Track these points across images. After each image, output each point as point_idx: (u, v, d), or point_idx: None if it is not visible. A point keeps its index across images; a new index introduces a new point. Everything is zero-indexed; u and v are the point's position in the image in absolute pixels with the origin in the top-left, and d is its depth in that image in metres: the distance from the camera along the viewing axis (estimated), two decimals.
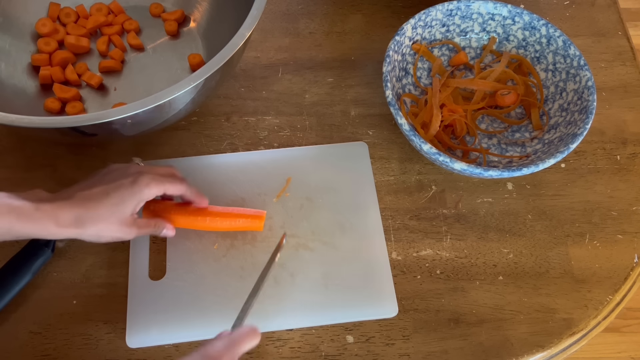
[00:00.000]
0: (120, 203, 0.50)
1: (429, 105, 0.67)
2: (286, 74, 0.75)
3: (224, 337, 0.48)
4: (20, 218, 0.46)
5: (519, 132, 0.69)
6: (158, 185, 0.52)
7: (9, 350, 0.56)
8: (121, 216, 0.50)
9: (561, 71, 0.68)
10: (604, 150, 0.70)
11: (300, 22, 0.79)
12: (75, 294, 0.59)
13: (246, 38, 0.58)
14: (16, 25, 0.72)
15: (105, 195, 0.50)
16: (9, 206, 0.46)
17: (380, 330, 0.58)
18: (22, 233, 0.47)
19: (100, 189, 0.50)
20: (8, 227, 0.46)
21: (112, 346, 0.56)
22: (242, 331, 0.48)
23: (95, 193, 0.50)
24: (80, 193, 0.50)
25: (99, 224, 0.49)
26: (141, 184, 0.51)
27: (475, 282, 0.61)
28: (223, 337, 0.48)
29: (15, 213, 0.46)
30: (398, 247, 0.63)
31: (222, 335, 0.48)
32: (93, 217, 0.49)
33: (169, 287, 0.59)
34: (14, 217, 0.46)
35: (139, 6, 0.77)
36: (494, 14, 0.71)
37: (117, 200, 0.50)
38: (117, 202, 0.50)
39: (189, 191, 0.56)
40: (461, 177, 0.67)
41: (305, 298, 0.58)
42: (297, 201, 0.64)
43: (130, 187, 0.51)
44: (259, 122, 0.71)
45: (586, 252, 0.63)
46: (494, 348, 0.58)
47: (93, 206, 0.49)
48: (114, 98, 0.70)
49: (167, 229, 0.56)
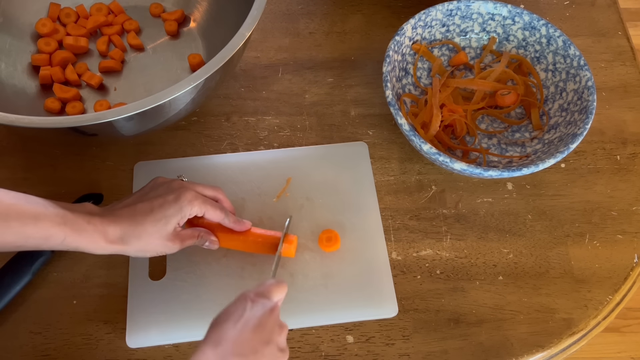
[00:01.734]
0: (163, 219, 0.51)
1: (429, 105, 0.67)
2: (286, 74, 0.75)
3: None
4: (74, 230, 0.47)
5: (519, 132, 0.69)
6: (201, 205, 0.53)
7: (9, 350, 0.56)
8: (165, 232, 0.51)
9: (561, 71, 0.68)
10: (604, 150, 0.70)
11: (300, 22, 0.79)
12: (75, 294, 0.59)
13: (246, 38, 0.58)
14: (16, 25, 0.72)
15: (149, 212, 0.50)
16: (64, 217, 0.46)
17: (380, 330, 0.58)
18: (74, 245, 0.47)
19: (144, 205, 0.51)
20: (62, 238, 0.46)
21: (112, 346, 0.56)
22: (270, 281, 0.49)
23: (140, 210, 0.51)
24: (126, 210, 0.51)
25: (143, 240, 0.50)
26: (184, 200, 0.52)
27: (475, 282, 0.61)
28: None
29: (70, 225, 0.47)
30: (398, 247, 0.63)
31: None
32: (138, 233, 0.50)
33: (169, 287, 0.59)
34: (69, 229, 0.46)
35: (139, 6, 0.77)
36: (494, 14, 0.71)
37: (160, 217, 0.51)
38: (160, 219, 0.51)
39: (227, 219, 0.56)
40: (461, 177, 0.67)
41: (305, 298, 0.58)
42: (297, 201, 0.64)
43: (174, 203, 0.51)
44: (259, 122, 0.71)
45: (586, 252, 0.63)
46: (494, 348, 0.58)
47: (138, 223, 0.50)
48: (114, 98, 0.70)
49: (211, 242, 0.56)
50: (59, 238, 0.46)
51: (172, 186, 0.53)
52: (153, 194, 0.52)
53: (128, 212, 0.50)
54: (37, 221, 0.45)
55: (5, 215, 0.44)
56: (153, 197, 0.52)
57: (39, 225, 0.45)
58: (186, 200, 0.52)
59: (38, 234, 0.45)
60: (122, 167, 0.66)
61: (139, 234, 0.50)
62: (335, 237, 0.61)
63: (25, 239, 0.45)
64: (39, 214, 0.45)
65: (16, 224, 0.44)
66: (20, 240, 0.45)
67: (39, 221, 0.45)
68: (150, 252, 0.52)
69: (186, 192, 0.52)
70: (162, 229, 0.51)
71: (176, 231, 0.52)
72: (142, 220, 0.50)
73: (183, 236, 0.53)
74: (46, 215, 0.46)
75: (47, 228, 0.45)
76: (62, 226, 0.46)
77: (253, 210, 0.63)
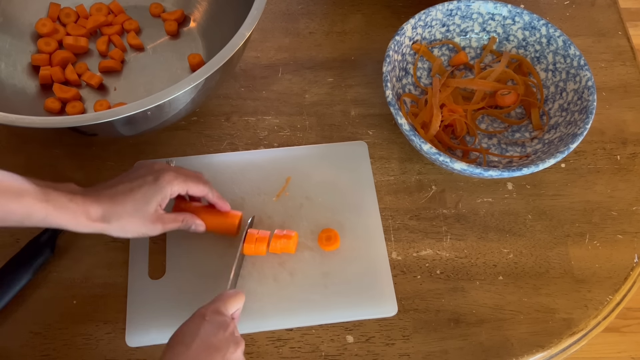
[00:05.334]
0: (143, 199, 0.51)
1: (429, 105, 0.67)
2: (286, 74, 0.75)
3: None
4: (56, 208, 0.47)
5: (519, 132, 0.69)
6: (180, 183, 0.53)
7: (9, 350, 0.56)
8: (145, 212, 0.51)
9: (561, 71, 0.68)
10: (604, 150, 0.70)
11: (300, 22, 0.79)
12: (75, 294, 0.59)
13: (246, 38, 0.58)
14: (16, 25, 0.72)
15: (129, 192, 0.51)
16: (47, 195, 0.47)
17: (380, 330, 0.58)
18: (56, 223, 0.48)
19: (125, 186, 0.52)
20: (44, 215, 0.47)
21: (112, 346, 0.56)
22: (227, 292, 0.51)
23: (121, 190, 0.51)
24: (107, 191, 0.51)
25: (123, 219, 0.51)
26: (163, 180, 0.52)
27: (475, 282, 0.61)
28: None
29: (52, 202, 0.47)
30: (398, 247, 0.63)
31: None
32: (118, 213, 0.50)
33: (169, 286, 0.59)
34: (51, 206, 0.47)
35: (139, 6, 0.77)
36: (494, 14, 0.71)
37: (140, 197, 0.51)
38: (140, 199, 0.51)
39: (211, 193, 0.57)
40: (461, 177, 0.67)
41: (305, 297, 0.58)
42: (296, 200, 0.64)
43: (153, 183, 0.52)
44: (259, 122, 0.71)
45: (586, 252, 0.63)
46: (494, 348, 0.58)
47: (118, 202, 0.50)
48: (114, 98, 0.70)
49: (197, 225, 0.57)
50: (41, 215, 0.47)
51: (153, 168, 0.54)
52: (134, 175, 0.53)
53: (109, 193, 0.51)
54: (19, 198, 0.46)
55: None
56: (133, 178, 0.53)
57: (21, 202, 0.46)
58: (165, 180, 0.52)
59: (20, 210, 0.46)
60: (122, 167, 0.66)
61: (120, 213, 0.50)
62: (335, 236, 0.61)
63: (7, 214, 0.46)
64: (21, 191, 0.46)
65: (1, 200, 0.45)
66: (1, 215, 0.46)
67: (21, 198, 0.46)
68: (131, 232, 0.52)
69: (165, 173, 0.53)
70: (142, 209, 0.51)
71: (158, 213, 0.53)
72: (122, 199, 0.51)
73: (165, 219, 0.53)
74: (29, 193, 0.46)
75: (29, 205, 0.46)
76: (44, 203, 0.46)
77: (253, 210, 0.63)
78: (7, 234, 0.62)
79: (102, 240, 0.62)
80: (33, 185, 0.47)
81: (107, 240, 0.62)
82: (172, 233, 0.61)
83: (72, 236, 0.62)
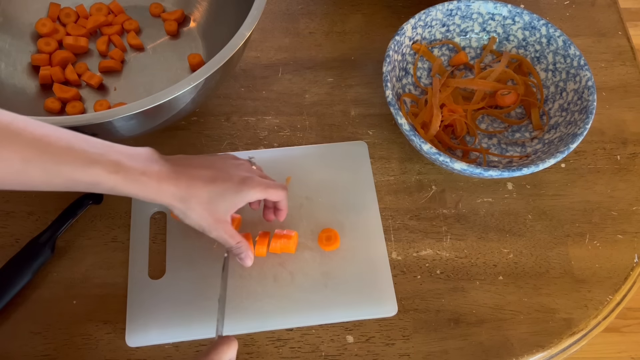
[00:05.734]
0: (220, 195, 0.50)
1: (429, 105, 0.67)
2: (286, 74, 0.75)
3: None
4: (126, 180, 0.45)
5: (519, 132, 0.69)
6: (262, 191, 0.52)
7: (9, 350, 0.56)
8: (215, 209, 0.50)
9: (561, 71, 0.68)
10: (604, 150, 0.70)
11: (300, 22, 0.79)
12: (75, 294, 0.59)
13: (246, 38, 0.58)
14: (16, 25, 0.72)
15: (210, 182, 0.49)
16: (118, 166, 0.45)
17: (380, 330, 0.58)
18: (123, 192, 0.46)
19: (209, 172, 0.50)
20: (112, 186, 0.45)
21: (112, 346, 0.56)
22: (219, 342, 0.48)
23: (202, 176, 0.49)
24: (188, 170, 0.49)
25: (191, 205, 0.49)
26: (248, 186, 0.51)
27: (475, 282, 0.61)
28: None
29: (122, 174, 0.45)
30: (398, 247, 0.63)
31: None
32: (190, 197, 0.48)
33: (169, 286, 0.59)
34: (121, 178, 0.45)
35: (139, 6, 0.77)
36: (494, 14, 0.71)
37: (219, 191, 0.49)
38: (218, 193, 0.49)
39: (285, 201, 0.56)
40: (461, 177, 0.67)
41: (305, 297, 0.58)
42: (296, 200, 0.64)
43: (238, 185, 0.50)
44: (259, 122, 0.71)
45: (586, 252, 0.63)
46: (494, 348, 0.58)
47: (195, 187, 0.49)
48: (114, 98, 0.70)
49: (246, 256, 0.55)
50: (108, 185, 0.45)
51: (242, 166, 0.53)
52: (221, 164, 0.52)
53: (190, 174, 0.49)
54: (87, 167, 0.43)
55: (57, 157, 0.42)
56: (221, 167, 0.51)
57: (89, 172, 0.44)
58: (249, 186, 0.51)
59: (86, 179, 0.44)
60: None
61: (191, 198, 0.48)
62: (335, 236, 0.61)
63: (73, 183, 0.44)
64: (91, 160, 0.44)
65: (67, 167, 0.43)
66: (68, 184, 0.44)
67: (89, 167, 0.44)
68: (190, 220, 0.50)
69: (252, 180, 0.51)
70: (215, 204, 0.50)
71: (225, 216, 0.51)
72: (200, 186, 0.49)
73: (227, 228, 0.52)
74: (98, 162, 0.44)
75: (96, 175, 0.44)
76: (113, 175, 0.44)
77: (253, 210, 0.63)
78: (7, 234, 0.62)
79: (102, 240, 0.62)
80: (105, 151, 0.45)
81: (107, 240, 0.62)
82: (172, 233, 0.61)
83: (72, 236, 0.62)
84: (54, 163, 0.42)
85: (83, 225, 0.63)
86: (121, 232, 0.62)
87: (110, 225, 0.63)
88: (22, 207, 0.63)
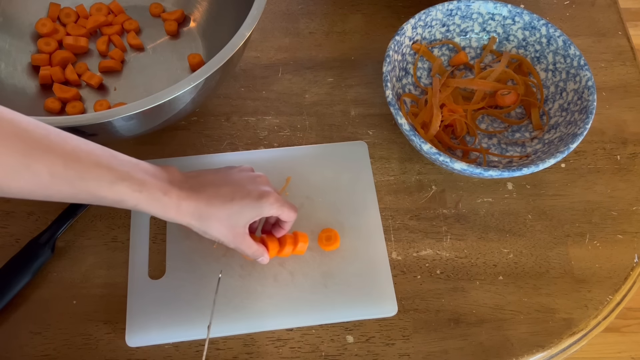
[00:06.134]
0: (239, 212, 0.51)
1: (429, 105, 0.67)
2: (286, 74, 0.75)
3: None
4: (148, 200, 0.46)
5: (519, 132, 0.69)
6: (278, 208, 0.53)
7: (9, 350, 0.56)
8: (234, 224, 0.51)
9: (561, 71, 0.68)
10: (604, 150, 0.70)
11: (300, 22, 0.79)
12: (75, 294, 0.59)
13: (246, 38, 0.58)
14: (16, 25, 0.72)
15: (229, 200, 0.50)
16: (143, 185, 0.46)
17: (380, 330, 0.58)
18: (145, 211, 0.47)
19: (227, 189, 0.51)
20: (135, 204, 0.46)
21: (112, 346, 0.56)
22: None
23: (222, 194, 0.50)
24: (208, 189, 0.50)
25: (211, 222, 0.50)
26: (266, 202, 0.52)
27: (475, 282, 0.61)
28: None
29: (146, 193, 0.46)
30: (398, 247, 0.63)
31: None
32: (209, 215, 0.49)
33: (169, 286, 0.59)
34: (144, 198, 0.46)
35: (139, 6, 0.77)
36: (494, 14, 0.71)
37: (237, 209, 0.50)
38: (237, 211, 0.51)
39: (291, 224, 0.57)
40: (461, 177, 0.67)
41: (305, 297, 0.58)
42: (296, 200, 0.64)
43: (257, 200, 0.51)
44: (259, 122, 0.71)
45: (586, 252, 0.63)
46: (494, 348, 0.58)
47: (215, 206, 0.50)
48: (114, 98, 0.70)
49: (264, 259, 0.57)
50: (131, 203, 0.46)
51: (258, 180, 0.54)
52: (238, 179, 0.53)
53: (209, 193, 0.50)
54: (114, 185, 0.44)
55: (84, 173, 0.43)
56: (237, 182, 0.52)
57: (114, 190, 0.44)
58: (268, 202, 0.52)
59: (111, 197, 0.45)
60: None
61: (210, 216, 0.49)
62: (335, 236, 0.61)
63: (99, 199, 0.45)
64: (118, 178, 0.45)
65: (93, 184, 0.44)
66: (94, 200, 0.45)
67: (115, 185, 0.44)
68: (210, 235, 0.51)
69: (270, 195, 0.52)
70: (234, 220, 0.51)
71: (244, 230, 0.52)
72: (219, 205, 0.50)
73: (246, 240, 0.53)
74: (125, 180, 0.45)
75: (121, 193, 0.45)
76: (137, 194, 0.45)
77: None
78: (7, 234, 0.62)
79: (102, 240, 0.62)
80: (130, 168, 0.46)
81: (107, 240, 0.62)
82: (172, 233, 0.61)
83: (72, 236, 0.62)
84: (82, 179, 0.43)
85: (83, 225, 0.63)
86: (121, 232, 0.62)
87: (110, 225, 0.63)
88: (22, 207, 0.63)
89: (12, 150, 0.40)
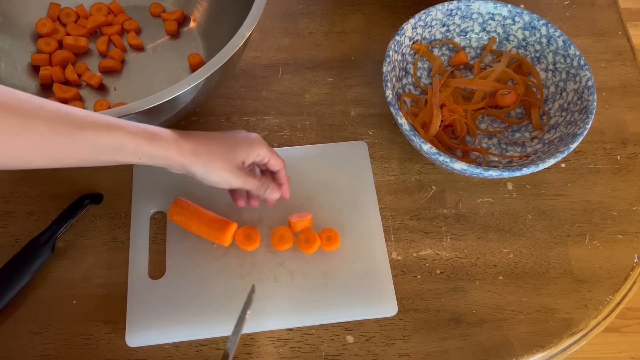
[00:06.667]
0: (233, 148, 0.54)
1: (429, 105, 0.67)
2: (286, 74, 0.75)
3: None
4: (147, 139, 0.48)
5: (519, 132, 0.69)
6: (267, 151, 0.56)
7: (9, 350, 0.56)
8: (233, 159, 0.53)
9: (561, 71, 0.68)
10: (604, 150, 0.70)
11: (300, 22, 0.79)
12: (75, 294, 0.59)
13: (246, 38, 0.58)
14: (16, 25, 0.72)
15: (221, 138, 0.54)
16: (137, 127, 0.48)
17: (380, 330, 0.58)
18: (147, 154, 0.48)
19: (217, 133, 0.55)
20: (135, 147, 0.47)
21: (112, 346, 0.56)
22: None
23: (213, 135, 0.54)
24: (200, 134, 0.53)
25: (212, 157, 0.52)
26: (256, 140, 0.56)
27: (475, 282, 0.61)
28: None
29: (143, 133, 0.48)
30: (398, 247, 0.63)
31: None
32: (209, 150, 0.52)
33: (169, 286, 0.59)
34: (142, 137, 0.48)
35: (139, 6, 0.77)
36: (494, 14, 0.71)
37: (231, 144, 0.54)
38: (231, 146, 0.54)
39: (284, 171, 0.59)
40: (461, 177, 0.67)
41: (305, 297, 0.58)
42: (296, 200, 0.64)
43: (246, 139, 0.55)
44: (259, 122, 0.71)
45: (586, 252, 0.63)
46: (494, 348, 0.58)
47: (211, 142, 0.53)
48: (114, 98, 0.70)
49: (272, 190, 0.58)
50: (131, 147, 0.47)
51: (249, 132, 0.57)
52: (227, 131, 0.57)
53: (201, 136, 0.53)
54: (110, 130, 0.46)
55: (81, 125, 0.45)
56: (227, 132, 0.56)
57: (112, 134, 0.46)
58: (257, 141, 0.55)
59: (111, 143, 0.46)
60: (122, 167, 0.66)
61: (210, 151, 0.52)
62: (335, 236, 0.61)
63: (99, 150, 0.46)
64: (112, 124, 0.46)
65: (91, 132, 0.45)
66: (94, 153, 0.46)
67: (112, 130, 0.46)
68: (215, 175, 0.53)
69: (258, 137, 0.56)
70: (231, 154, 0.53)
71: (243, 166, 0.55)
72: (214, 141, 0.53)
73: (247, 173, 0.55)
74: (120, 125, 0.47)
75: (120, 137, 0.46)
76: (134, 135, 0.47)
77: (253, 209, 0.63)
78: (7, 234, 0.62)
79: (102, 240, 0.62)
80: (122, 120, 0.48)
81: (107, 240, 0.62)
82: (172, 233, 0.61)
83: (72, 236, 0.62)
84: (81, 129, 0.45)
85: (83, 225, 0.63)
86: (121, 232, 0.62)
87: (110, 225, 0.63)
88: (22, 207, 0.63)
89: (10, 113, 0.42)
